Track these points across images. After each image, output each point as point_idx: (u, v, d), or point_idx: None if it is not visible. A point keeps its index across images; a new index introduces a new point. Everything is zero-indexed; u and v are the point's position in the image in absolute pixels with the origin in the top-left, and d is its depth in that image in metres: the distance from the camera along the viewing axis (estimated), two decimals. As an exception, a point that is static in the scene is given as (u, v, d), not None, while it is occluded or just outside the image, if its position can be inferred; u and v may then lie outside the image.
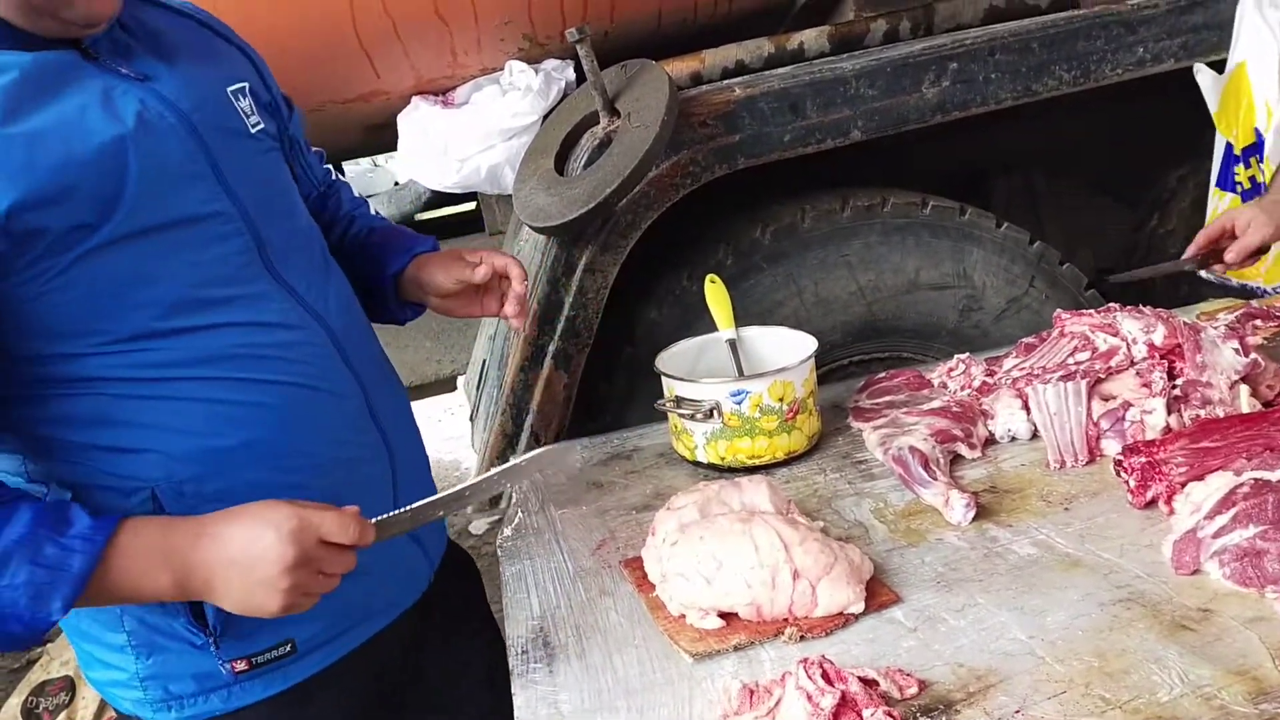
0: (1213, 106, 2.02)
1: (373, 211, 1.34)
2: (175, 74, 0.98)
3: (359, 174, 5.66)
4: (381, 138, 2.29)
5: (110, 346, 0.92)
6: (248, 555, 0.86)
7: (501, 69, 2.04)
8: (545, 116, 1.99)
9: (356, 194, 1.36)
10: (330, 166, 1.38)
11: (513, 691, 0.98)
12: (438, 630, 1.26)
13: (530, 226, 1.82)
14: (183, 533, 0.88)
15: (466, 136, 1.99)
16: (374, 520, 0.94)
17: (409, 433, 1.21)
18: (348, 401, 1.07)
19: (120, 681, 1.03)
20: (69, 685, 2.60)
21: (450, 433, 4.75)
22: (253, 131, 1.06)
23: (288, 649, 1.04)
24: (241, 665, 1.02)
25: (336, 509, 0.91)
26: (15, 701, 2.57)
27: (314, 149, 1.33)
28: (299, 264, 1.06)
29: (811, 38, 2.03)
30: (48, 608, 0.82)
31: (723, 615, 1.00)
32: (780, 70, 1.92)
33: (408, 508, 0.98)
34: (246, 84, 1.07)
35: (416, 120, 2.03)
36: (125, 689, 1.04)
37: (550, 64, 2.03)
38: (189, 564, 0.87)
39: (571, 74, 2.04)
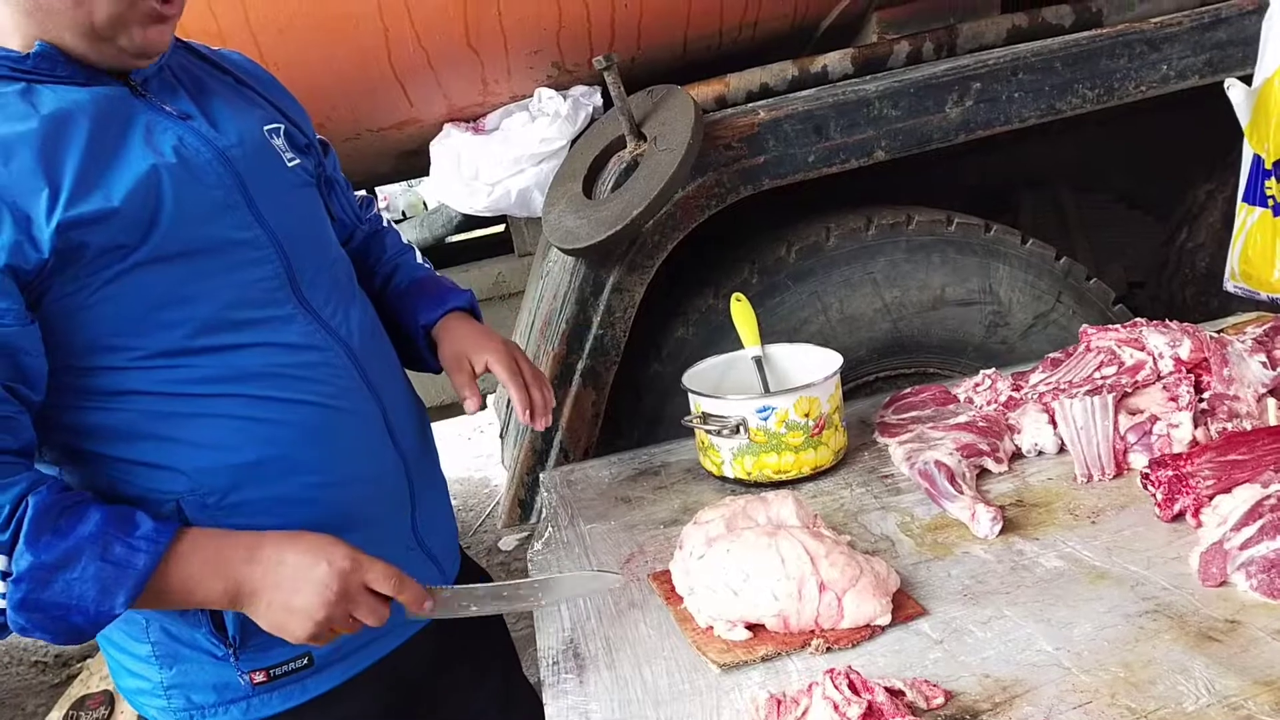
0: (1244, 120, 2.01)
1: (418, 259, 1.38)
2: (213, 115, 1.05)
3: (391, 195, 5.77)
4: (414, 164, 2.35)
5: (145, 361, 0.96)
6: (295, 581, 0.93)
7: (531, 96, 2.08)
8: (574, 141, 2.03)
9: (405, 240, 1.41)
10: (382, 213, 1.43)
11: (544, 701, 1.00)
12: (454, 647, 1.28)
13: (559, 248, 1.85)
14: (237, 547, 0.94)
15: (497, 162, 2.04)
16: (432, 589, 1.01)
17: (427, 453, 1.25)
18: (367, 421, 1.11)
19: (146, 690, 1.07)
20: (108, 699, 2.65)
21: (480, 450, 4.79)
22: (289, 166, 1.12)
23: (304, 662, 1.07)
24: (260, 677, 1.05)
25: (384, 562, 0.98)
26: (56, 716, 2.63)
27: (361, 193, 1.40)
28: (325, 290, 1.11)
29: (835, 60, 2.05)
30: (111, 601, 0.88)
31: (750, 627, 1.02)
32: (804, 93, 1.95)
33: (469, 588, 1.04)
34: (282, 125, 1.14)
35: (448, 146, 2.08)
36: (151, 697, 1.08)
37: (578, 90, 2.07)
38: (239, 578, 0.93)
39: (599, 100, 2.08)
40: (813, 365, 1.46)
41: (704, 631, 1.03)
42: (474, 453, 4.79)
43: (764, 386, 1.48)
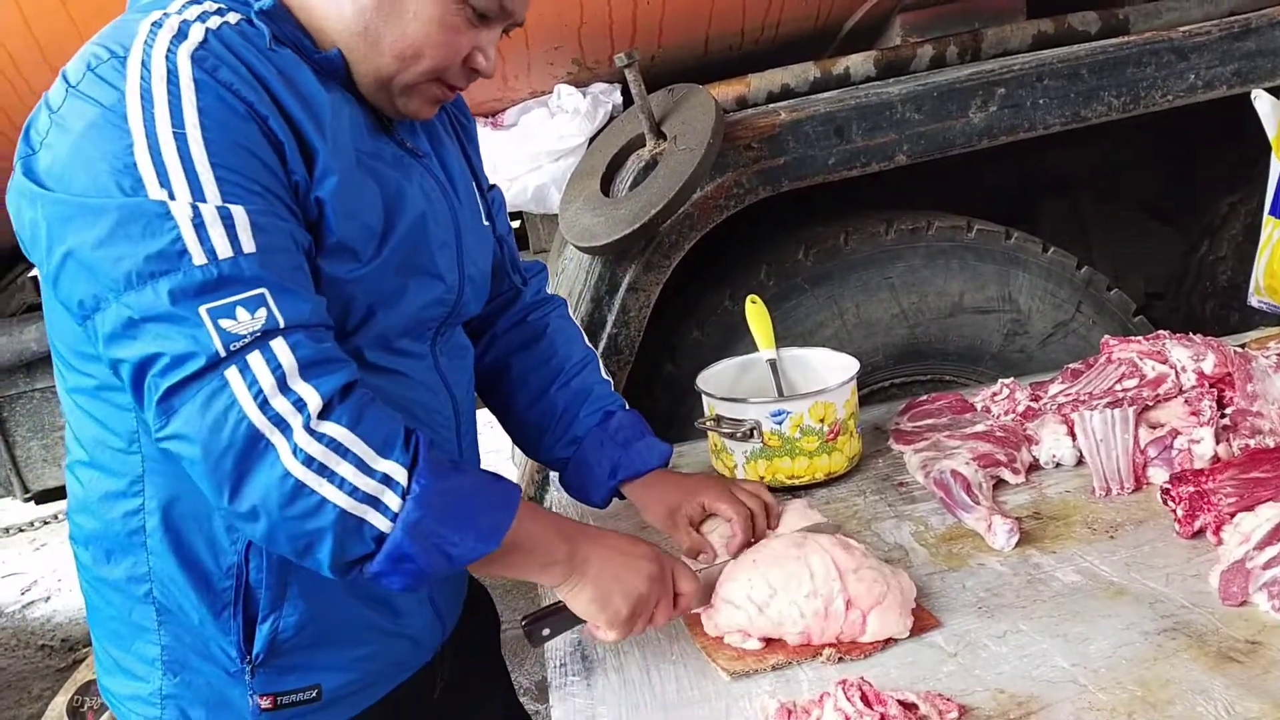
0: (1271, 132, 1.98)
1: (603, 372, 1.30)
2: (442, 158, 1.08)
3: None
4: (431, 157, 2.34)
5: None
6: (625, 558, 0.98)
7: (550, 92, 2.08)
8: (592, 139, 2.03)
9: (581, 332, 1.33)
10: (560, 297, 1.35)
11: (551, 704, 0.99)
12: (456, 681, 1.22)
13: (575, 246, 1.84)
14: (568, 518, 1.02)
15: (514, 157, 2.03)
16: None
17: None
18: None
19: (140, 696, 1.01)
20: (115, 686, 2.65)
21: (491, 445, 4.79)
22: (484, 223, 1.14)
23: (314, 695, 1.02)
24: (266, 703, 1.00)
25: (683, 561, 1.03)
26: (61, 700, 2.63)
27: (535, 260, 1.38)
28: (454, 340, 1.11)
29: (858, 62, 2.04)
30: (492, 537, 0.88)
31: (764, 639, 1.00)
32: (826, 94, 1.93)
33: (707, 566, 1.09)
34: (479, 183, 1.17)
35: (466, 141, 2.07)
36: (142, 705, 1.01)
37: (598, 87, 2.07)
38: (579, 542, 0.97)
39: (619, 97, 2.07)
40: (828, 370, 1.44)
41: (714, 638, 1.02)
42: (484, 448, 4.79)
43: (778, 390, 1.47)
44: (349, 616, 1.00)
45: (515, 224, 3.33)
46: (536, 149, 2.01)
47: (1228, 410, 1.25)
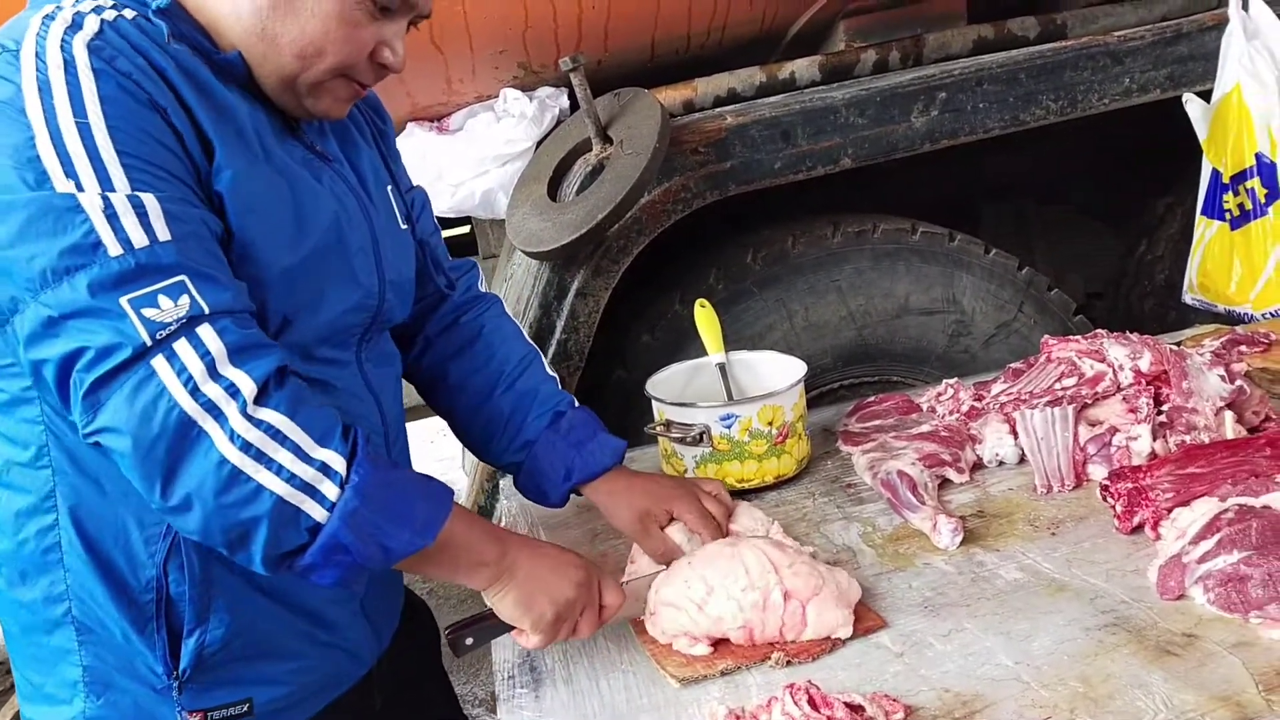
0: (1202, 135, 2.04)
1: (547, 368, 1.26)
2: (354, 162, 1.05)
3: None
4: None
5: None
6: (553, 566, 0.98)
7: (496, 96, 2.06)
8: (539, 143, 2.01)
9: (522, 331, 1.30)
10: (494, 294, 1.33)
11: (498, 716, 0.98)
12: (393, 689, 1.20)
13: (523, 251, 1.83)
14: (498, 525, 1.01)
15: (461, 162, 2.01)
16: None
17: None
18: None
19: None
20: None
21: (443, 453, 4.75)
22: (402, 227, 1.11)
23: (245, 709, 1.00)
24: (196, 719, 0.97)
25: (611, 577, 1.04)
26: (2, 724, 2.55)
27: (466, 258, 1.36)
28: (378, 346, 1.09)
29: (803, 67, 2.05)
30: (428, 531, 0.88)
31: (712, 642, 1.00)
32: (772, 99, 1.94)
33: (634, 578, 1.10)
34: (398, 186, 1.14)
35: (412, 146, 2.05)
36: None
37: (544, 91, 2.06)
38: (508, 546, 0.97)
39: (565, 102, 2.06)
40: (777, 373, 1.45)
41: (663, 645, 1.01)
42: (436, 456, 4.74)
43: (728, 394, 1.47)
44: (279, 628, 0.98)
45: (464, 229, 3.31)
46: (483, 153, 2.00)
47: (1164, 407, 1.28)
